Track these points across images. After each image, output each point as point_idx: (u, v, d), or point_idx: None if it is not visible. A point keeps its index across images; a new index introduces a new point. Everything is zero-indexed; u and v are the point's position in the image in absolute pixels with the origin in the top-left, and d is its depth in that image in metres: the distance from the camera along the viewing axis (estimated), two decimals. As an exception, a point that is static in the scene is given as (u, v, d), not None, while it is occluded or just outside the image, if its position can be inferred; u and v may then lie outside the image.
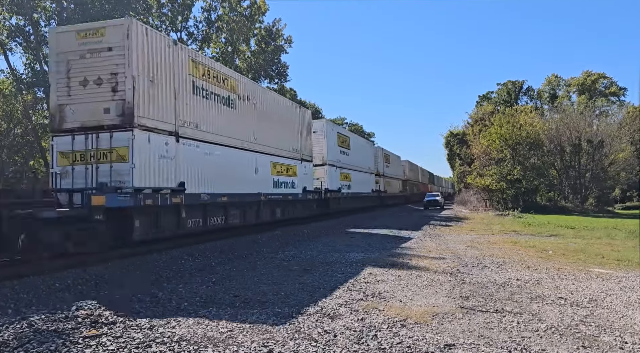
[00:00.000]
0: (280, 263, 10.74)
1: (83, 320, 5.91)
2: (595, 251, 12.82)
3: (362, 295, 7.41)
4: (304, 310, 6.46)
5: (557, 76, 69.42)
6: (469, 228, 21.62)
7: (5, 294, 7.05)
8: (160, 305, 6.75)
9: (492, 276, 9.03)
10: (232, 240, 14.72)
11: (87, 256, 9.76)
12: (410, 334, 5.37)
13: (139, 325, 5.70)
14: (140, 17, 34.45)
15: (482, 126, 45.17)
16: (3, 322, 5.64)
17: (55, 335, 5.28)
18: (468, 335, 5.32)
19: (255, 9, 40.96)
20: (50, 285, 7.77)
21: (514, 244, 14.60)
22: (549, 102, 65.63)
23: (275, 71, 45.08)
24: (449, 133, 62.85)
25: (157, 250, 11.67)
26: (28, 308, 6.38)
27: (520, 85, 70.05)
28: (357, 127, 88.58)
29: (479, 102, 70.29)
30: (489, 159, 39.36)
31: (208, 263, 10.71)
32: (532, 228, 21.18)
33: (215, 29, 40.25)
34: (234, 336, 5.32)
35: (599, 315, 6.24)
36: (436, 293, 7.56)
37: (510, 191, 36.60)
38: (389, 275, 9.11)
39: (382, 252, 12.68)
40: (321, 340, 5.18)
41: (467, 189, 50.52)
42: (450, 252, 12.67)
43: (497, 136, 37.97)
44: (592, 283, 8.37)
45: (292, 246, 13.96)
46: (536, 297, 7.24)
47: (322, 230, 19.39)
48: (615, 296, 7.29)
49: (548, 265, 10.37)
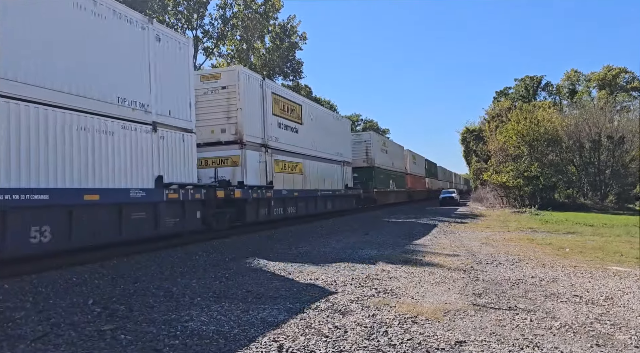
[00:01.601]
0: (293, 260, 10.79)
1: (99, 314, 6.04)
2: (613, 249, 12.59)
3: (374, 291, 7.41)
4: (315, 305, 6.49)
5: (576, 71, 68.22)
6: (485, 225, 21.42)
7: (24, 288, 7.23)
8: (173, 300, 6.84)
9: (506, 273, 8.94)
10: (246, 236, 14.85)
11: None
12: (421, 330, 5.36)
13: (153, 320, 5.79)
14: (156, 15, 34.84)
15: (498, 122, 44.65)
16: (21, 316, 5.79)
17: (71, 328, 5.40)
18: (479, 332, 5.29)
19: (270, 5, 41.06)
20: (67, 279, 7.94)
21: (530, 241, 14.42)
22: (568, 97, 64.56)
23: (290, 67, 45.16)
24: (465, 129, 62.25)
25: (172, 246, 11.85)
26: (46, 302, 6.53)
27: (538, 80, 69.01)
28: (373, 124, 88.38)
29: (496, 98, 69.49)
30: (506, 156, 38.84)
31: (222, 258, 10.81)
32: (549, 225, 20.89)
33: (231, 27, 40.48)
34: (246, 331, 5.37)
35: (615, 313, 6.14)
36: (449, 290, 7.52)
37: (527, 188, 36.08)
38: (402, 272, 9.08)
39: (396, 249, 12.65)
40: (332, 335, 5.20)
41: (484, 186, 50.00)
42: (464, 249, 12.58)
43: (514, 132, 37.45)
44: (609, 281, 8.23)
45: (306, 242, 14.01)
46: (550, 295, 7.15)
47: (342, 225, 19.42)
48: (633, 295, 7.16)
49: (564, 262, 10.23)
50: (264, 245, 13.26)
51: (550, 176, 35.96)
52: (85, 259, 9.48)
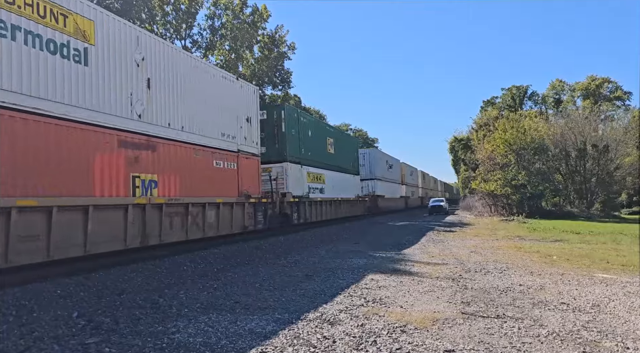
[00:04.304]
0: (282, 269, 10.73)
1: (83, 327, 5.93)
2: (600, 256, 12.72)
3: (363, 300, 7.39)
4: (304, 316, 6.45)
5: (561, 80, 69.41)
6: (473, 233, 21.53)
7: (7, 301, 7.08)
8: (160, 311, 6.75)
9: (494, 281, 8.97)
10: (236, 245, 14.74)
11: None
12: (409, 340, 5.34)
13: (139, 332, 5.70)
14: (145, 25, 34.80)
15: (486, 131, 45.18)
16: (3, 330, 5.67)
17: (54, 341, 5.30)
18: (468, 341, 5.29)
19: (258, 15, 41.24)
20: (52, 292, 7.79)
21: (518, 249, 14.52)
22: (554, 107, 65.58)
23: (279, 77, 45.29)
24: (453, 138, 63.00)
25: (159, 257, 11.72)
26: (29, 315, 6.40)
27: (524, 90, 70.05)
28: (362, 134, 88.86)
29: (483, 108, 70.37)
30: (494, 165, 39.25)
31: (210, 269, 10.71)
32: (537, 233, 21.06)
33: (219, 37, 40.54)
34: (233, 342, 5.31)
35: (602, 320, 6.18)
36: (437, 298, 7.52)
37: (515, 196, 36.44)
38: (391, 281, 9.07)
39: (385, 257, 12.64)
40: (320, 345, 5.16)
41: (472, 195, 50.38)
42: (453, 257, 12.62)
43: (502, 141, 37.91)
44: (595, 288, 8.30)
45: (296, 252, 13.95)
46: (538, 303, 7.19)
47: (332, 235, 19.39)
48: (619, 302, 7.23)
49: (552, 270, 10.30)
50: (253, 255, 13.18)
51: (538, 184, 36.38)
52: (71, 270, 9.33)
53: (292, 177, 19.93)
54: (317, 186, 23.54)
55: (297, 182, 20.63)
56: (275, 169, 19.28)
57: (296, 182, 20.47)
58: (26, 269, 8.88)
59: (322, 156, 24.86)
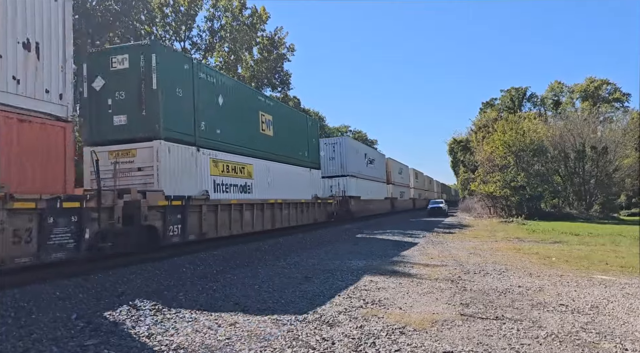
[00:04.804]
0: (281, 271, 10.73)
1: (82, 328, 5.93)
2: (599, 257, 12.73)
3: (362, 302, 7.39)
4: (303, 317, 6.45)
5: (560, 82, 69.43)
6: (472, 235, 21.54)
7: (6, 302, 7.07)
8: (159, 313, 6.75)
9: (493, 283, 8.98)
10: (235, 247, 14.73)
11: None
12: (408, 341, 5.35)
13: (138, 334, 5.70)
14: (144, 27, 34.84)
15: (485, 133, 45.17)
16: (2, 332, 5.66)
17: (53, 343, 5.29)
18: (467, 342, 5.29)
19: (257, 17, 41.29)
20: (51, 294, 7.78)
21: (517, 251, 14.52)
22: (553, 108, 65.64)
23: (278, 79, 45.34)
24: (452, 140, 62.97)
25: (158, 259, 11.71)
26: (28, 317, 6.39)
27: (523, 91, 70.14)
28: (362, 135, 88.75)
29: (482, 109, 70.40)
30: (493, 166, 39.26)
31: (210, 271, 10.71)
32: (536, 234, 21.07)
33: (219, 38, 40.58)
34: (232, 344, 5.31)
35: (600, 321, 6.19)
36: (436, 300, 7.53)
37: (514, 197, 36.45)
38: (390, 282, 9.08)
39: (384, 259, 12.65)
40: (319, 347, 5.17)
41: (471, 197, 50.38)
42: (452, 259, 12.62)
43: (501, 143, 37.92)
44: (594, 289, 8.31)
45: (295, 254, 13.95)
46: (537, 304, 7.19)
47: (331, 236, 19.37)
48: (618, 303, 7.23)
49: (551, 271, 10.31)
50: (252, 256, 13.17)
51: (537, 186, 36.39)
52: (70, 272, 9.31)
53: (170, 165, 12.36)
54: (234, 181, 15.64)
55: (185, 174, 12.99)
56: (141, 152, 12.08)
57: (181, 174, 12.82)
58: (26, 270, 8.87)
59: (250, 139, 16.95)
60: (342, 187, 30.16)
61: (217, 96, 14.98)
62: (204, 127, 14.00)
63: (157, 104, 12.02)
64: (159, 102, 12.05)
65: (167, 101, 12.34)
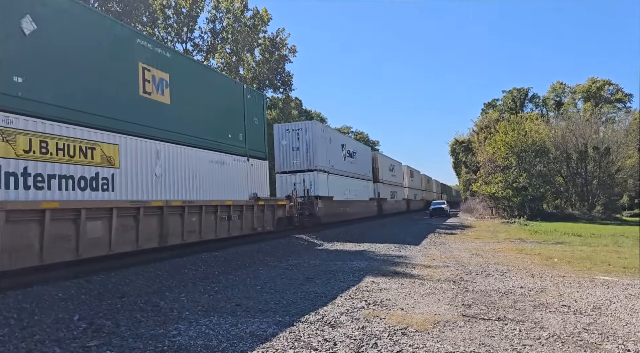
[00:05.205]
0: (283, 272, 10.74)
1: (84, 330, 5.94)
2: (601, 258, 12.70)
3: (364, 303, 7.39)
4: (304, 318, 6.45)
5: (562, 83, 69.32)
6: (474, 235, 21.51)
7: (9, 304, 7.09)
8: (161, 314, 6.76)
9: (495, 284, 8.97)
10: (236, 248, 14.74)
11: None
12: (410, 342, 5.35)
13: (140, 335, 5.71)
14: (146, 28, 34.91)
15: (487, 134, 45.12)
16: (4, 333, 5.68)
17: (56, 344, 5.31)
18: (469, 343, 5.29)
19: (258, 18, 41.34)
20: (53, 295, 7.80)
21: (519, 252, 14.50)
22: (555, 109, 65.55)
23: (279, 80, 45.33)
24: (454, 140, 62.83)
25: (160, 259, 11.72)
26: (31, 318, 6.41)
27: (525, 92, 70.09)
28: (363, 136, 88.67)
29: (484, 110, 70.38)
30: (495, 167, 39.21)
31: (211, 272, 10.72)
32: (538, 235, 21.03)
33: (220, 40, 40.64)
34: (234, 345, 5.31)
35: (603, 322, 6.18)
36: (438, 301, 7.52)
37: (516, 198, 36.38)
38: (392, 283, 9.07)
39: (386, 260, 12.64)
40: (321, 348, 5.17)
41: (473, 197, 50.32)
42: (454, 260, 12.61)
43: (503, 144, 37.86)
44: (596, 290, 8.29)
45: (296, 255, 13.95)
46: (539, 305, 7.18)
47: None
48: (620, 304, 7.22)
49: (553, 272, 10.29)
50: (254, 257, 13.18)
51: (539, 186, 36.31)
52: (71, 273, 9.33)
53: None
54: (67, 171, 9.11)
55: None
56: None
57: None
58: (27, 272, 8.88)
59: (114, 104, 10.47)
60: (307, 185, 24.09)
61: (22, 16, 8.31)
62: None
63: None
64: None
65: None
